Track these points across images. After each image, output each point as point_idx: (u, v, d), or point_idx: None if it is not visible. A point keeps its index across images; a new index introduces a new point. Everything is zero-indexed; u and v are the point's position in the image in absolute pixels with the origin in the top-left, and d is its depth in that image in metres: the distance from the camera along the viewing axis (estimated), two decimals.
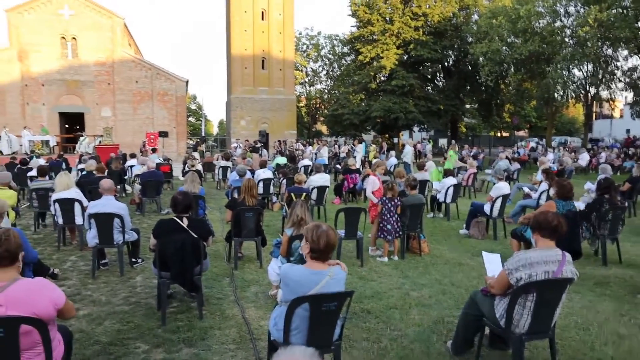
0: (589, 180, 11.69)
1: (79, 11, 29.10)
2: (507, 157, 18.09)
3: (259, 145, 23.77)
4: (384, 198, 6.79)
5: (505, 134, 55.37)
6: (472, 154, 24.49)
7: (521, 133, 56.15)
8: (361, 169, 13.29)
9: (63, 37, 29.09)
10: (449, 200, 10.04)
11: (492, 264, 3.97)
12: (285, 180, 10.77)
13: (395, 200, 6.74)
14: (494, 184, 9.13)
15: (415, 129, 44.09)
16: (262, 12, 35.28)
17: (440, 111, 37.94)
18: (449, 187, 9.97)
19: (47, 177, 9.44)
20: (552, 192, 6.59)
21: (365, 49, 36.18)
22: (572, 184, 6.14)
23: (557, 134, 48.26)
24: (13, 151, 23.06)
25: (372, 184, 8.01)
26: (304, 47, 51.44)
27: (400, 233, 6.75)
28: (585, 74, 29.13)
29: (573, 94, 30.17)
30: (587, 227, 6.42)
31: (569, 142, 37.87)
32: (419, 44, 35.10)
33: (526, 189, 11.25)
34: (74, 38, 29.22)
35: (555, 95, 29.59)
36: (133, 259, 6.35)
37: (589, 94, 29.84)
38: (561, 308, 3.33)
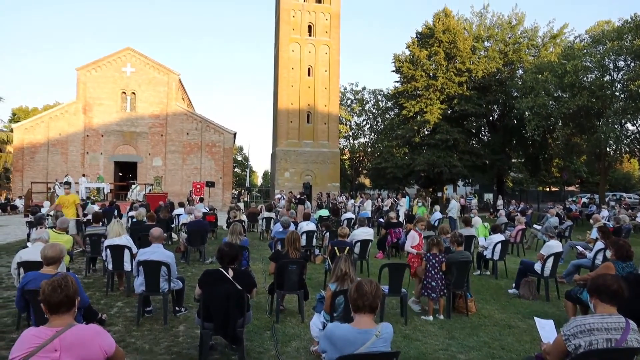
0: None
1: (139, 68, 31.37)
2: (557, 214, 17.41)
3: (303, 197, 24.00)
4: (429, 254, 6.64)
5: (554, 189, 53.49)
6: (519, 209, 23.75)
7: (571, 188, 54.09)
8: (404, 223, 13.11)
9: (124, 92, 31.26)
10: (496, 257, 9.68)
11: (546, 330, 3.74)
12: (328, 233, 10.76)
13: (440, 257, 6.57)
14: (545, 241, 8.75)
15: (460, 183, 43.38)
16: (309, 69, 36.70)
17: (485, 165, 37.31)
18: (496, 244, 9.64)
19: (100, 224, 9.86)
20: (609, 252, 6.24)
21: (408, 103, 36.58)
22: (630, 244, 5.81)
23: (611, 189, 46.16)
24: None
25: (412, 238, 7.89)
26: (349, 101, 52.68)
27: (445, 291, 6.53)
28: (639, 127, 28.11)
29: (627, 149, 29.03)
30: None
31: (624, 198, 36.04)
32: (463, 99, 35.18)
33: (580, 248, 10.72)
34: (133, 93, 31.32)
35: (608, 149, 28.55)
36: (177, 308, 6.42)
37: None
38: None
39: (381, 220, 17.51)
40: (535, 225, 16.26)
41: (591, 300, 3.20)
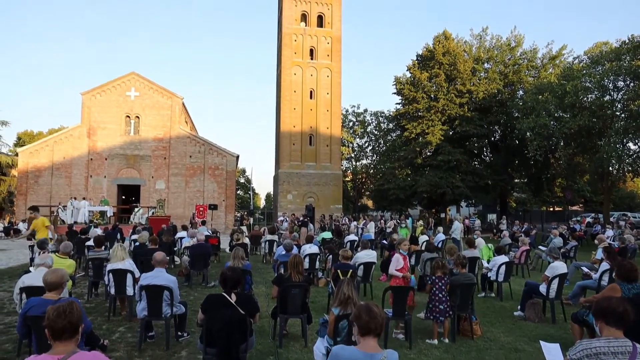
0: None
1: (143, 92, 31.77)
2: (561, 234, 17.31)
3: (305, 219, 23.98)
4: (434, 277, 6.59)
5: (557, 209, 53.23)
6: (523, 229, 23.60)
7: (575, 208, 53.82)
8: (409, 245, 13.03)
9: (127, 116, 31.59)
10: (501, 279, 9.61)
11: (552, 354, 3.70)
12: (331, 256, 10.71)
13: (445, 279, 6.54)
14: (550, 262, 8.69)
15: (463, 203, 43.27)
16: (311, 92, 37.08)
17: (488, 186, 37.28)
18: (500, 265, 9.59)
19: (103, 248, 9.86)
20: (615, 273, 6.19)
21: (410, 125, 36.79)
22: (636, 265, 5.76)
23: (615, 209, 45.88)
24: (74, 220, 24.38)
25: (396, 261, 7.79)
26: (351, 123, 53.02)
27: (450, 313, 6.47)
28: None
29: (630, 168, 29.00)
30: None
31: (629, 218, 35.81)
32: (464, 120, 35.39)
33: (585, 269, 10.63)
34: (137, 116, 31.64)
35: (610, 169, 28.54)
36: (179, 333, 6.38)
37: None
38: None
39: (384, 242, 17.43)
40: (539, 246, 16.15)
41: (597, 324, 3.17)
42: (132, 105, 31.59)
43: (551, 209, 53.15)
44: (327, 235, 16.62)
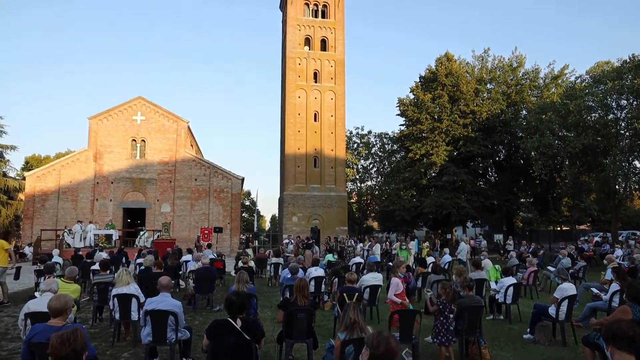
0: None
1: (149, 116, 32.14)
2: (569, 254, 17.11)
3: (311, 241, 23.89)
4: (441, 299, 6.52)
5: (565, 228, 52.75)
6: (531, 250, 23.38)
7: (583, 227, 53.32)
8: (414, 267, 12.93)
9: (134, 140, 31.89)
10: (509, 301, 9.48)
11: None
12: (337, 279, 10.63)
13: (452, 303, 6.46)
14: (558, 284, 8.58)
15: (469, 224, 43.00)
16: (315, 114, 37.36)
17: (493, 206, 37.10)
18: (508, 287, 9.47)
19: (108, 271, 9.85)
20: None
21: (414, 146, 36.89)
22: None
23: (624, 227, 45.42)
24: (80, 245, 24.40)
25: (395, 286, 7.69)
26: (355, 145, 53.24)
27: (455, 340, 6.37)
28: None
29: (637, 186, 28.82)
30: None
31: (638, 237, 35.37)
32: (468, 141, 35.46)
33: (595, 290, 10.48)
34: (143, 140, 31.93)
35: (617, 187, 28.38)
36: (184, 358, 6.30)
37: None
38: None
39: (390, 264, 17.30)
40: (548, 267, 15.97)
41: (607, 348, 3.11)
42: (138, 129, 31.93)
43: (558, 229, 52.69)
44: (332, 257, 16.52)
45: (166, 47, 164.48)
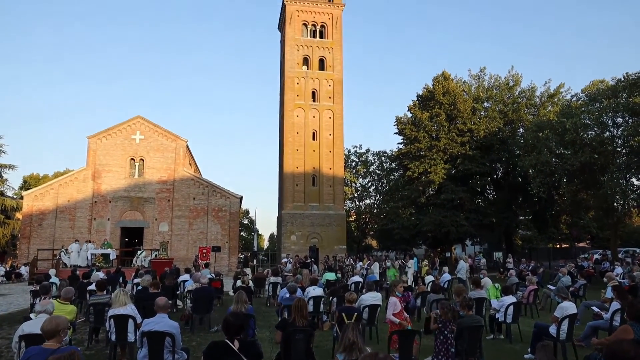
0: None
1: (148, 135, 32.24)
2: (569, 272, 17.02)
3: (309, 260, 23.75)
4: (440, 319, 6.46)
5: (564, 246, 52.57)
6: (530, 268, 23.25)
7: (582, 244, 53.14)
8: (413, 286, 12.84)
9: (132, 159, 31.94)
10: (509, 320, 9.39)
11: None
12: (335, 299, 10.55)
13: (452, 323, 6.40)
14: (559, 302, 8.51)
15: (468, 242, 42.84)
16: (314, 133, 37.52)
17: (492, 224, 37.03)
18: (508, 306, 9.39)
19: (104, 292, 9.76)
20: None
21: (412, 164, 36.98)
22: None
23: (623, 245, 45.29)
24: (76, 264, 24.22)
25: (393, 305, 7.61)
26: (353, 163, 53.34)
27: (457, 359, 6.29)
28: None
29: (635, 204, 28.83)
30: None
31: (638, 254, 35.26)
32: (466, 159, 35.58)
33: (595, 309, 10.39)
34: (142, 159, 31.97)
35: (615, 205, 28.39)
36: None
37: None
38: None
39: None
40: (548, 285, 15.87)
41: None
42: (137, 148, 31.99)
43: (558, 246, 52.52)
44: (331, 276, 16.42)
45: (165, 66, 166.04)
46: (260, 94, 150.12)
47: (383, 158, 51.91)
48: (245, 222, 69.16)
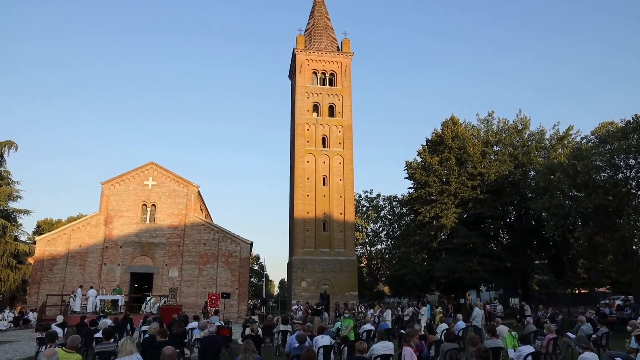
0: None
1: (160, 181, 32.66)
2: (589, 319, 16.40)
3: (320, 307, 23.28)
4: None
5: (584, 291, 50.95)
6: (549, 315, 22.48)
7: (602, 289, 51.47)
8: (427, 335, 12.43)
9: (144, 204, 32.22)
10: None
11: None
12: (346, 347, 10.23)
13: None
14: (580, 353, 8.15)
15: (483, 288, 41.82)
16: (324, 178, 37.68)
17: (507, 269, 36.22)
18: (527, 356, 9.01)
19: (111, 340, 9.60)
20: None
21: (423, 209, 36.76)
22: None
23: None
24: (83, 310, 23.99)
25: (410, 357, 7.34)
26: (364, 208, 53.19)
27: None
28: None
29: None
30: None
31: None
32: (477, 202, 35.32)
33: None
34: (154, 205, 32.24)
35: (634, 248, 27.70)
36: None
37: None
38: None
39: (402, 331, 16.67)
40: (568, 333, 15.26)
41: None
42: (149, 193, 32.34)
43: (577, 291, 50.93)
44: (346, 323, 15.96)
45: (177, 110, 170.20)
46: (271, 139, 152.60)
47: (394, 203, 51.78)
48: (256, 267, 68.51)
